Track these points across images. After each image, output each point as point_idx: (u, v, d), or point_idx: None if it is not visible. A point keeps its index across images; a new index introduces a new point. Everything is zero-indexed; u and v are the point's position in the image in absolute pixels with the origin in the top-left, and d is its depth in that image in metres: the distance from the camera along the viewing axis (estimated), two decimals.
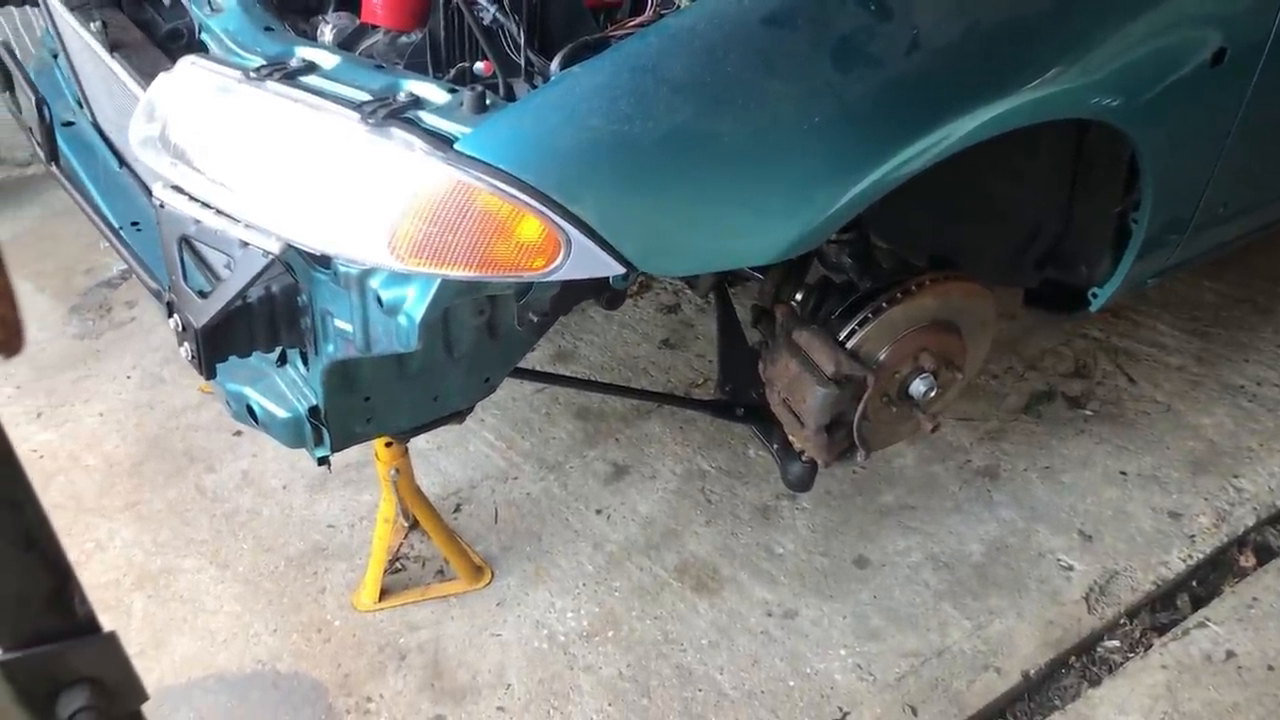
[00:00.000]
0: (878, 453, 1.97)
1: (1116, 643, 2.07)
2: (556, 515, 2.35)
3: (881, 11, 1.41)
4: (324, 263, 1.43)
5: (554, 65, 1.45)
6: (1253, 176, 2.01)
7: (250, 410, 1.61)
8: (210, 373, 1.47)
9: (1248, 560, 2.23)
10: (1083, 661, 2.05)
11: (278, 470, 2.48)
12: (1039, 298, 2.15)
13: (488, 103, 1.33)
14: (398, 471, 2.04)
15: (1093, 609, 2.11)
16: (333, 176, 1.33)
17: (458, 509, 2.37)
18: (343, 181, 1.32)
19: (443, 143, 1.28)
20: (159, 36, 1.91)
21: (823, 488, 2.37)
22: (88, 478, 2.49)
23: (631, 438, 2.54)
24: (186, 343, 1.44)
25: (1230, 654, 2.00)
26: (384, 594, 2.15)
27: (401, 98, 1.35)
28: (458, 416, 1.75)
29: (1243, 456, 2.44)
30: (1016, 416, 2.58)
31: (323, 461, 1.64)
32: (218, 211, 1.38)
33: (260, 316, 1.46)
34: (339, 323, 1.45)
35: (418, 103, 1.35)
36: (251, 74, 1.43)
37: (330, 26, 1.76)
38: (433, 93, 1.37)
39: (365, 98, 1.36)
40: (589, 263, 1.30)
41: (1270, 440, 2.47)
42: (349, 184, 1.31)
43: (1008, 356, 2.74)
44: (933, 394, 1.84)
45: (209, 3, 1.67)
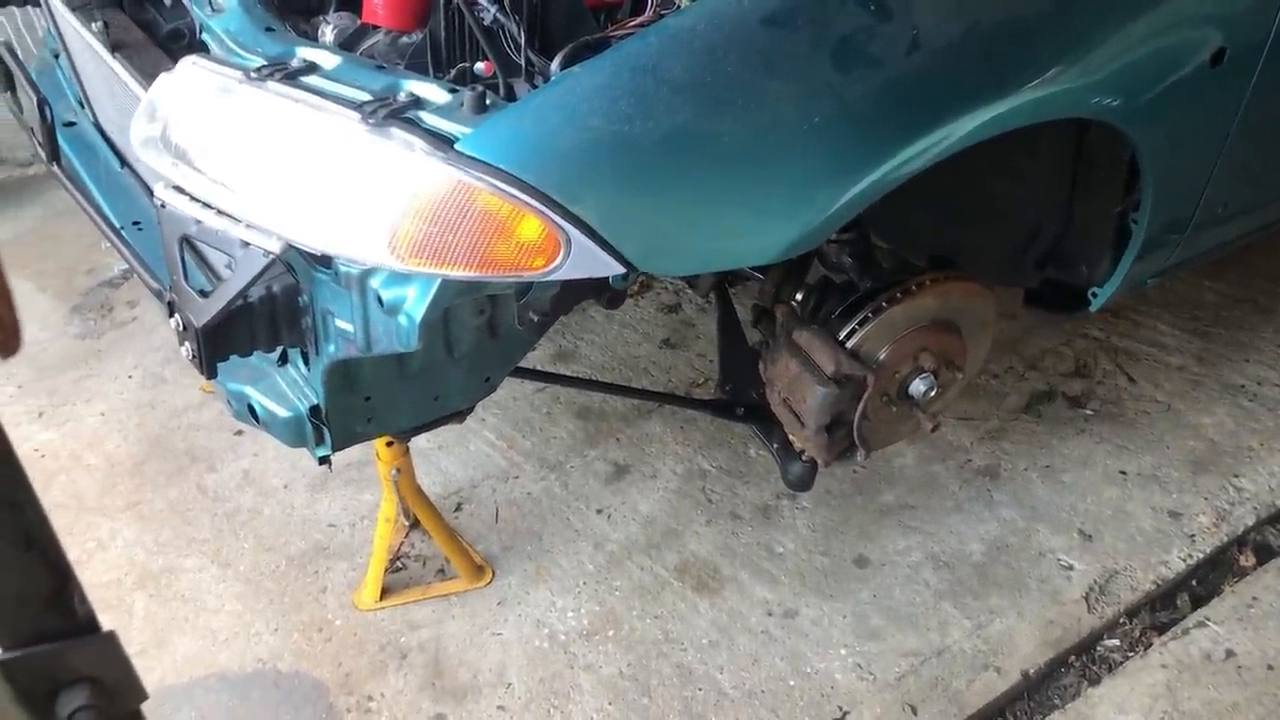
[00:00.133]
0: (878, 452, 1.97)
1: (1116, 642, 2.08)
2: (557, 514, 2.35)
3: (881, 11, 1.41)
4: (325, 262, 1.44)
5: (554, 65, 1.45)
6: (1253, 176, 2.01)
7: (251, 410, 1.61)
8: (211, 372, 1.47)
9: (1248, 560, 2.23)
10: (1083, 661, 2.05)
11: (279, 469, 2.48)
12: (1039, 297, 2.15)
13: (488, 103, 1.33)
14: (399, 471, 2.05)
15: (1093, 608, 2.11)
16: (333, 176, 1.33)
17: (459, 508, 2.37)
18: (343, 181, 1.32)
19: (443, 143, 1.28)
20: (160, 37, 1.91)
21: (823, 487, 2.37)
22: (89, 477, 2.50)
23: (632, 437, 2.54)
24: (187, 342, 1.44)
25: (1230, 653, 2.00)
26: (385, 593, 2.16)
27: (402, 98, 1.35)
28: (458, 416, 1.75)
29: (1243, 456, 2.44)
30: (1017, 416, 2.58)
31: (324, 461, 1.64)
32: (219, 211, 1.38)
33: (261, 316, 1.47)
34: (340, 322, 1.45)
35: (418, 103, 1.35)
36: (252, 74, 1.43)
37: (331, 27, 1.76)
38: (433, 93, 1.37)
39: (366, 98, 1.37)
40: (589, 263, 1.31)
41: (1270, 440, 2.47)
42: (350, 184, 1.32)
43: (1008, 356, 2.74)
44: (933, 393, 1.84)
45: (210, 3, 1.68)
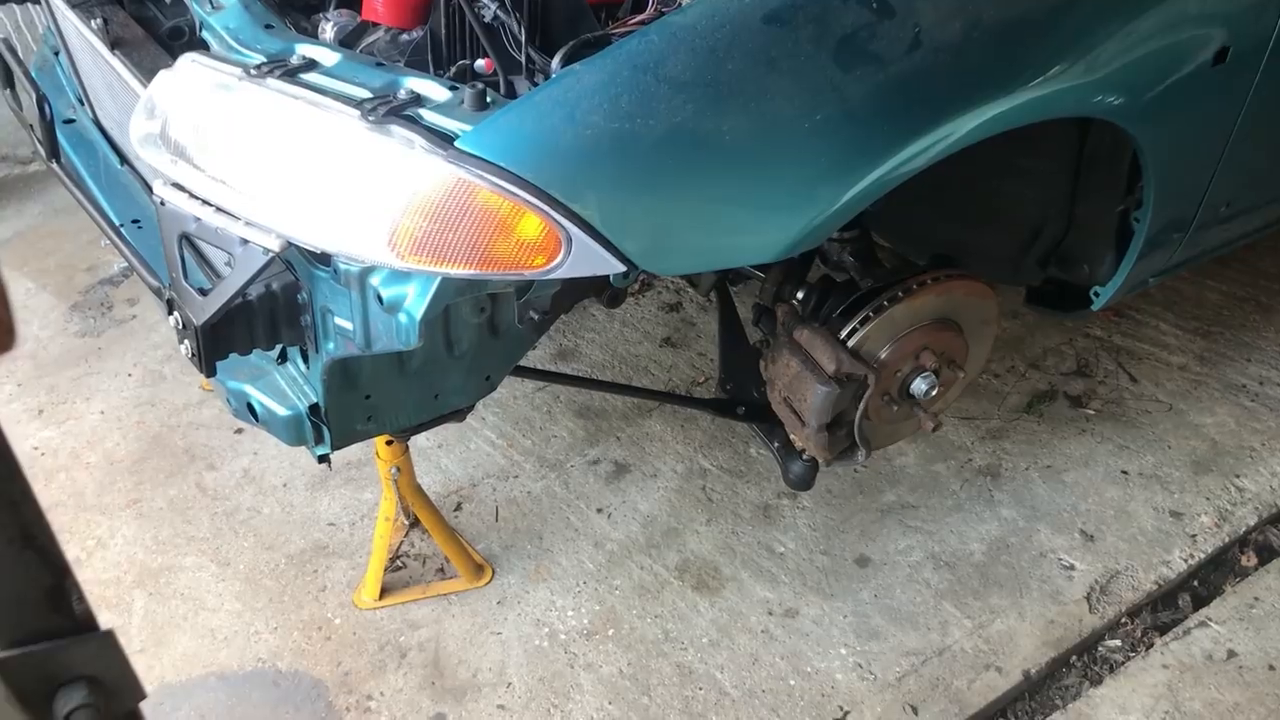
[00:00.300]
0: (879, 451, 1.97)
1: (1118, 642, 2.07)
2: (557, 513, 2.35)
3: (883, 9, 1.41)
4: (324, 260, 1.43)
5: (555, 63, 1.44)
6: (1255, 175, 2.00)
7: (251, 408, 1.61)
8: (211, 370, 1.47)
9: (1249, 560, 2.23)
10: (1084, 661, 2.05)
11: (278, 468, 2.48)
12: (1041, 296, 2.15)
13: (488, 100, 1.33)
14: (398, 469, 2.04)
15: (1094, 608, 2.10)
16: (333, 174, 1.33)
17: (458, 507, 2.37)
18: (343, 179, 1.32)
19: (443, 140, 1.28)
20: (160, 34, 1.91)
21: (824, 486, 2.36)
22: (88, 475, 2.49)
23: (632, 436, 2.54)
24: (187, 340, 1.44)
25: (1232, 653, 2.00)
26: (384, 592, 2.15)
27: (402, 95, 1.35)
28: (458, 414, 1.74)
29: (1245, 456, 2.43)
30: (1018, 415, 2.57)
31: (323, 459, 1.64)
32: (218, 209, 1.38)
33: (260, 314, 1.46)
34: (339, 320, 1.45)
35: (418, 100, 1.35)
36: (252, 71, 1.43)
37: (331, 24, 1.75)
38: (433, 90, 1.37)
39: (366, 95, 1.36)
40: (590, 261, 1.30)
41: (1272, 440, 2.47)
42: (349, 181, 1.31)
43: (1010, 355, 2.73)
44: (934, 392, 1.84)
45: (210, 0, 1.67)
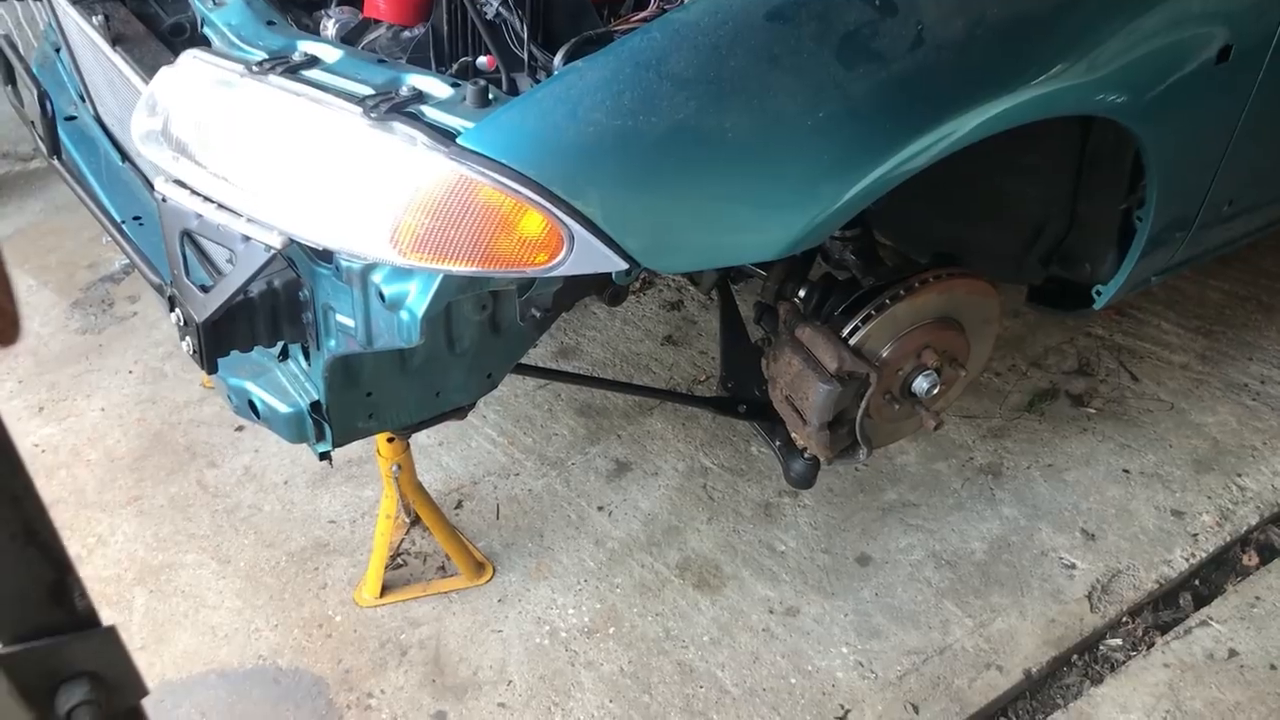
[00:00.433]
0: (880, 450, 1.97)
1: (1119, 641, 2.07)
2: (558, 511, 2.34)
3: (886, 6, 1.40)
4: (326, 257, 1.43)
5: (557, 60, 1.44)
6: (1258, 174, 2.00)
7: (252, 405, 1.61)
8: (212, 367, 1.47)
9: (1251, 559, 2.23)
10: (1085, 660, 2.04)
11: (279, 465, 2.47)
12: (1043, 295, 2.14)
13: (491, 97, 1.32)
14: (399, 467, 2.04)
15: (1095, 607, 2.10)
16: (335, 171, 1.33)
17: (459, 505, 2.37)
18: (345, 176, 1.32)
19: (445, 137, 1.27)
20: (161, 30, 1.91)
21: (825, 485, 2.36)
22: (89, 472, 2.49)
23: (634, 434, 2.54)
24: (188, 337, 1.44)
25: (1233, 653, 2.00)
26: (385, 590, 2.15)
27: (404, 92, 1.35)
28: (460, 412, 1.74)
29: (1246, 455, 2.43)
30: (1020, 414, 2.57)
31: (324, 457, 1.64)
32: (220, 206, 1.38)
33: (262, 311, 1.46)
34: (341, 318, 1.45)
35: (420, 97, 1.35)
36: (254, 68, 1.42)
37: (333, 21, 1.75)
38: (435, 87, 1.36)
39: (368, 92, 1.36)
40: (592, 258, 1.30)
41: (1274, 439, 2.47)
42: (351, 178, 1.31)
43: (1011, 354, 2.73)
44: (936, 391, 1.84)
45: None
